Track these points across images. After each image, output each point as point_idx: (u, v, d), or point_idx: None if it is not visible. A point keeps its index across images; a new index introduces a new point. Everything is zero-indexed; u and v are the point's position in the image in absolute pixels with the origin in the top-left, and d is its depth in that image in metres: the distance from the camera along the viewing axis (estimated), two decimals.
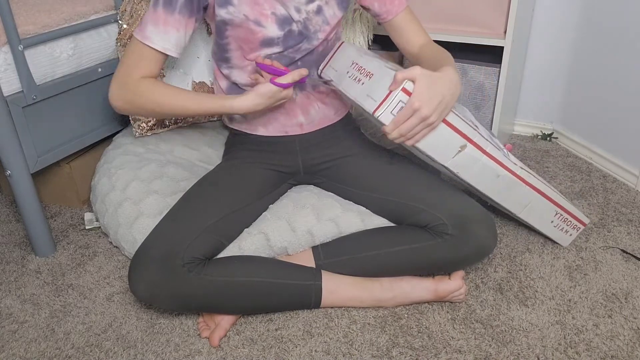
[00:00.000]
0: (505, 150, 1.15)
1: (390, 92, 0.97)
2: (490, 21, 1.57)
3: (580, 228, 1.30)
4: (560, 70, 1.83)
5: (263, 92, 1.06)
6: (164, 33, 1.05)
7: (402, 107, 0.97)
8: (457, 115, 1.04)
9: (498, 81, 1.60)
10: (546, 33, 1.80)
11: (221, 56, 1.16)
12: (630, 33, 1.54)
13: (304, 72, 1.07)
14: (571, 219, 1.28)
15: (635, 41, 1.52)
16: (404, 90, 0.96)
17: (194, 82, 1.42)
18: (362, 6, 1.21)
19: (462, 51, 1.79)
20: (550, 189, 1.21)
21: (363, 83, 1.05)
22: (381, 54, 1.79)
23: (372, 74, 1.04)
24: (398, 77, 0.95)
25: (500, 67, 1.57)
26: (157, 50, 1.06)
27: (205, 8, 1.08)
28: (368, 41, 1.69)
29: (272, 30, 1.10)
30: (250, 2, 1.07)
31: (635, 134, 1.57)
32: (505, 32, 1.56)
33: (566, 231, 1.30)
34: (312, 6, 1.11)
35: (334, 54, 1.18)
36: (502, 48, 1.55)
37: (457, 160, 1.07)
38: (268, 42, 1.11)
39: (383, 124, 0.99)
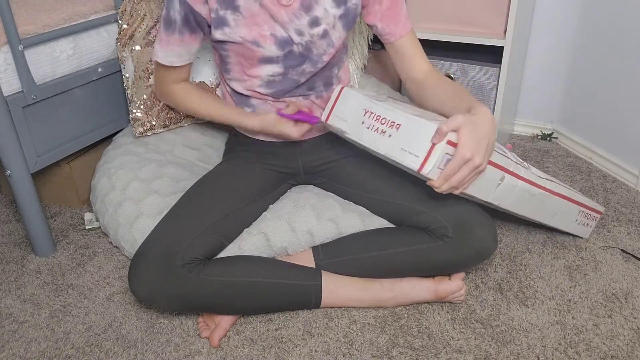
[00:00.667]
0: (526, 163, 1.14)
1: (434, 145, 0.90)
2: (490, 21, 1.57)
3: (597, 218, 1.32)
4: (560, 70, 1.83)
5: (268, 121, 1.12)
6: (168, 51, 1.11)
7: (448, 160, 0.92)
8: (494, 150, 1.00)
9: (498, 81, 1.60)
10: (546, 33, 1.80)
11: (223, 66, 1.16)
12: (630, 33, 1.54)
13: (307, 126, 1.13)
14: (590, 211, 1.29)
15: (635, 41, 1.52)
16: (450, 142, 0.90)
17: (194, 81, 1.42)
18: (367, 25, 1.17)
19: (462, 51, 1.79)
20: (569, 189, 1.21)
21: (390, 135, 0.98)
22: (381, 53, 1.79)
23: (399, 125, 0.97)
24: (443, 130, 0.88)
25: (500, 67, 1.58)
26: (168, 66, 1.15)
27: (203, 27, 1.08)
28: (368, 41, 1.68)
29: (271, 50, 1.08)
30: (248, 23, 1.05)
31: (635, 134, 1.57)
32: (505, 32, 1.56)
33: (586, 224, 1.32)
34: (318, 30, 1.08)
35: (335, 100, 1.11)
36: (502, 48, 1.55)
37: (498, 192, 1.05)
38: (267, 60, 1.09)
39: (430, 179, 0.93)
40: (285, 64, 1.10)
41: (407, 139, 0.95)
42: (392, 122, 0.98)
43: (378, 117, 1.01)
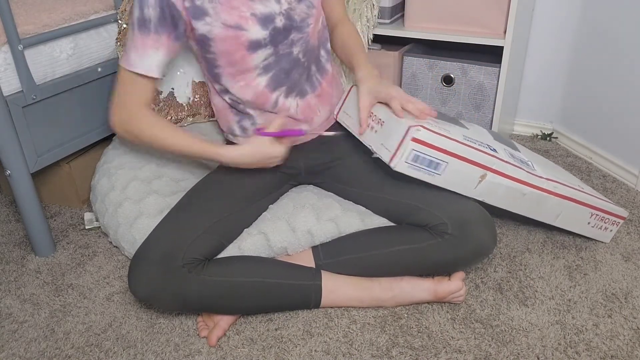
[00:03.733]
0: (529, 163, 1.15)
1: (402, 140, 1.00)
2: (490, 21, 1.57)
3: (619, 222, 1.32)
4: (560, 70, 1.83)
5: (252, 143, 1.07)
6: (144, 56, 1.04)
7: (416, 156, 1.01)
8: (471, 147, 1.05)
9: (498, 81, 1.60)
10: (546, 33, 1.80)
11: (213, 74, 1.13)
12: (630, 33, 1.54)
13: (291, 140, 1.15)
14: (608, 216, 1.29)
15: (635, 41, 1.52)
16: (415, 139, 0.99)
17: (194, 81, 1.42)
18: None
19: (462, 51, 1.79)
20: (582, 192, 1.21)
21: (376, 131, 1.07)
22: (381, 53, 1.79)
23: (383, 122, 1.06)
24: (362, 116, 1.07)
25: (500, 67, 1.58)
26: (143, 76, 1.06)
27: (180, 25, 1.04)
28: (368, 41, 1.68)
29: (256, 31, 1.06)
30: (226, 8, 1.04)
31: (635, 134, 1.57)
32: (505, 32, 1.56)
33: (605, 228, 1.31)
34: None
35: (345, 98, 1.21)
36: (502, 48, 1.55)
37: (480, 189, 1.09)
38: (255, 45, 1.08)
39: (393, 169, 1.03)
40: (274, 42, 1.09)
41: (385, 135, 1.04)
42: (379, 119, 1.07)
43: (371, 114, 1.09)
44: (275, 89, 1.13)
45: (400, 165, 1.01)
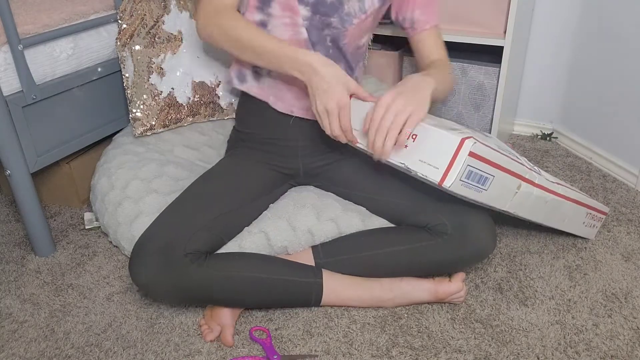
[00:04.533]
0: (536, 167, 1.13)
1: (455, 156, 0.88)
2: (490, 21, 1.57)
3: (602, 218, 1.32)
4: (560, 70, 1.83)
5: (339, 73, 0.99)
6: None
7: (470, 172, 0.90)
8: (508, 157, 0.97)
9: (498, 81, 1.60)
10: (546, 33, 1.80)
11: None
12: (630, 33, 1.54)
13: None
14: (596, 213, 1.29)
15: (635, 41, 1.52)
16: (472, 153, 0.88)
17: (194, 81, 1.42)
18: (396, 19, 1.22)
19: (462, 51, 1.79)
20: (575, 191, 1.21)
21: (406, 146, 0.94)
22: (381, 53, 1.79)
23: (415, 135, 0.93)
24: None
25: (500, 67, 1.58)
26: None
27: None
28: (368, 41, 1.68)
29: None
30: None
31: (635, 134, 1.57)
32: (505, 32, 1.56)
33: (593, 225, 1.32)
34: None
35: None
36: (502, 48, 1.55)
37: (515, 201, 1.04)
38: None
39: (455, 193, 0.92)
40: (315, 8, 1.09)
41: (423, 150, 0.92)
42: (409, 132, 0.93)
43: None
44: (313, 47, 1.13)
45: (455, 184, 0.89)
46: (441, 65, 1.18)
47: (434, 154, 0.90)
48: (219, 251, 1.10)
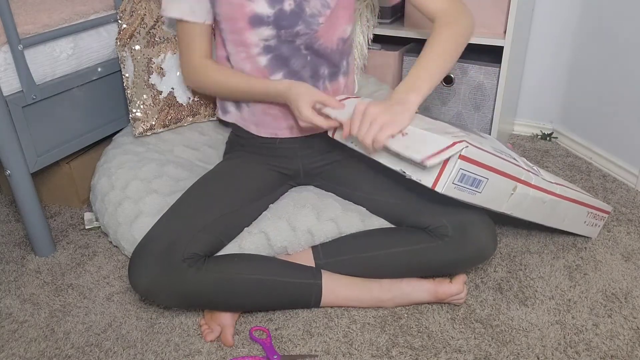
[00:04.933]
0: (535, 167, 1.13)
1: (447, 160, 0.90)
2: (490, 21, 1.57)
3: (605, 217, 1.32)
4: (560, 70, 1.83)
5: (301, 90, 1.03)
6: (177, 2, 1.09)
7: (463, 175, 0.91)
8: (503, 158, 0.98)
9: (498, 81, 1.60)
10: (546, 33, 1.80)
11: (225, 50, 1.15)
12: (630, 33, 1.54)
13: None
14: (598, 212, 1.29)
15: (635, 41, 1.52)
16: (462, 157, 0.89)
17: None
18: None
19: None
20: (576, 191, 1.21)
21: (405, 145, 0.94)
22: (381, 53, 1.79)
23: (406, 132, 0.94)
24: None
25: (500, 67, 1.58)
26: (187, 23, 1.11)
27: None
28: (368, 40, 1.68)
29: (261, 6, 1.05)
30: None
31: (635, 134, 1.57)
32: (505, 32, 1.56)
33: (595, 225, 1.32)
34: None
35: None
36: (502, 48, 1.55)
37: (511, 203, 1.04)
38: (258, 21, 1.07)
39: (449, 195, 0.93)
40: (277, 25, 1.08)
41: (415, 151, 0.92)
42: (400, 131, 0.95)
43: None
44: (274, 73, 1.13)
45: (448, 187, 0.90)
46: (443, 27, 1.06)
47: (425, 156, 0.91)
48: (218, 254, 1.10)
